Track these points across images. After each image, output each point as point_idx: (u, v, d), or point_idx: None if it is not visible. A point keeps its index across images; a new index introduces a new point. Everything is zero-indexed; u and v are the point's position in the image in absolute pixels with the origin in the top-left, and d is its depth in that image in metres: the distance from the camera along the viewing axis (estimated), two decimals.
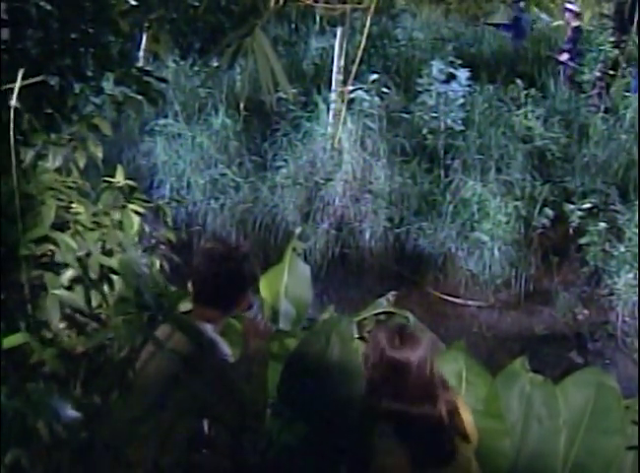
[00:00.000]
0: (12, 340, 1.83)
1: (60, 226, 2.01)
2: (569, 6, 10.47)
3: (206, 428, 2.45)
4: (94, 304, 2.04)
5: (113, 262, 2.04)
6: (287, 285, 3.72)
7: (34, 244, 1.93)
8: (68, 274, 1.97)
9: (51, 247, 1.95)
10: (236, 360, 2.56)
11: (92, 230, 2.04)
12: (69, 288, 1.97)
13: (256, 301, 3.40)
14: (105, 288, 2.07)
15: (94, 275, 2.00)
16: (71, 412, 1.74)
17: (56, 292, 1.90)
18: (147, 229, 2.22)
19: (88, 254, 2.00)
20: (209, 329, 2.41)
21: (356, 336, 3.28)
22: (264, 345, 2.64)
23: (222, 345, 2.41)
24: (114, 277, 2.07)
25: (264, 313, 3.63)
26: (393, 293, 3.74)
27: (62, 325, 2.00)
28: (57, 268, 1.95)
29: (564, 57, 10.04)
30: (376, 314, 3.51)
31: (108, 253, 2.04)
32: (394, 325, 2.44)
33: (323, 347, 2.71)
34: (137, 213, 2.12)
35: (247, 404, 2.47)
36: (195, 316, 2.43)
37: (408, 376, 2.20)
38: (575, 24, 10.20)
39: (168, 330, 2.28)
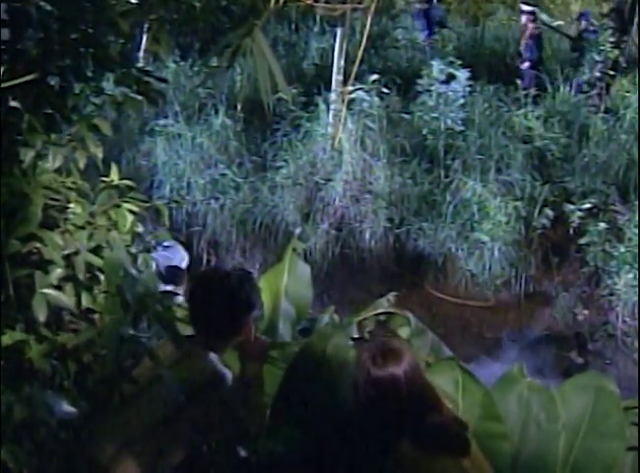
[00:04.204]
0: (4, 338, 1.83)
1: (51, 225, 2.00)
2: (524, 7, 10.10)
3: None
4: (84, 303, 2.04)
5: (101, 261, 2.04)
6: (287, 285, 3.72)
7: (21, 242, 1.93)
8: (57, 273, 1.97)
9: (37, 245, 1.95)
10: (234, 383, 2.55)
11: (82, 228, 2.03)
12: (58, 287, 1.97)
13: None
14: (95, 287, 2.07)
15: (80, 274, 1.99)
16: (66, 408, 1.74)
17: (44, 290, 1.90)
18: (142, 229, 2.21)
19: (76, 253, 2.00)
20: (214, 359, 2.39)
21: (356, 336, 3.29)
22: (260, 368, 2.64)
23: (227, 377, 2.39)
24: (102, 276, 2.07)
25: (263, 315, 3.63)
26: (393, 293, 3.74)
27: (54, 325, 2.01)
28: (44, 266, 1.95)
29: (525, 66, 9.84)
30: (377, 315, 3.52)
31: (97, 252, 2.04)
32: (377, 342, 2.47)
33: (319, 359, 2.70)
34: (132, 212, 2.12)
35: (245, 429, 2.48)
36: (198, 344, 2.41)
37: (397, 391, 2.23)
38: (532, 28, 9.92)
39: (173, 352, 2.27)
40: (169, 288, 4.16)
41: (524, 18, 10.14)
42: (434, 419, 2.27)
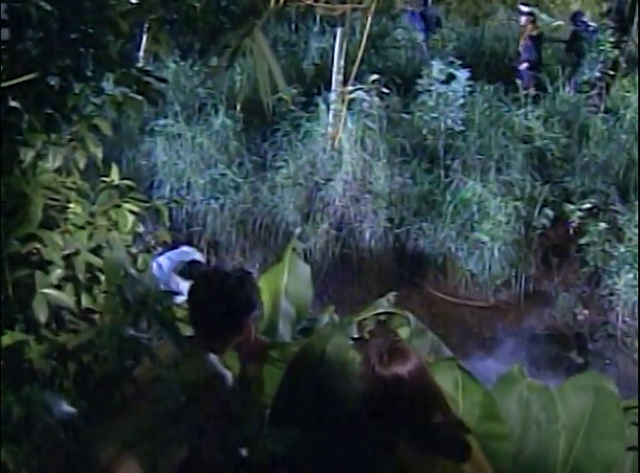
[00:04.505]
0: (4, 338, 1.84)
1: (51, 225, 2.00)
2: (523, 8, 10.12)
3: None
4: (84, 303, 2.04)
5: (101, 261, 2.04)
6: (287, 285, 3.73)
7: (21, 242, 1.93)
8: (57, 273, 1.96)
9: (37, 246, 1.95)
10: (234, 383, 2.55)
11: (82, 228, 2.03)
12: (58, 287, 1.97)
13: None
14: (95, 287, 2.07)
15: (80, 274, 1.99)
16: (66, 408, 1.74)
17: (45, 290, 1.90)
18: (142, 229, 2.21)
19: (76, 253, 1.99)
20: (214, 359, 2.39)
21: (356, 336, 3.29)
22: (260, 369, 2.65)
23: (228, 377, 2.40)
24: (102, 276, 2.07)
25: (263, 314, 3.63)
26: (393, 293, 3.75)
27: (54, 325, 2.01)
28: (44, 266, 1.94)
29: (524, 66, 9.89)
30: (377, 315, 3.52)
31: (97, 252, 2.03)
32: (384, 341, 2.47)
33: (319, 359, 2.70)
34: (132, 212, 2.12)
35: (245, 429, 2.49)
36: (198, 344, 2.41)
37: (401, 391, 2.23)
38: (531, 28, 9.95)
39: (173, 352, 2.27)
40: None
41: (523, 19, 10.15)
42: (436, 422, 2.27)
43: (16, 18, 2.05)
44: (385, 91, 8.34)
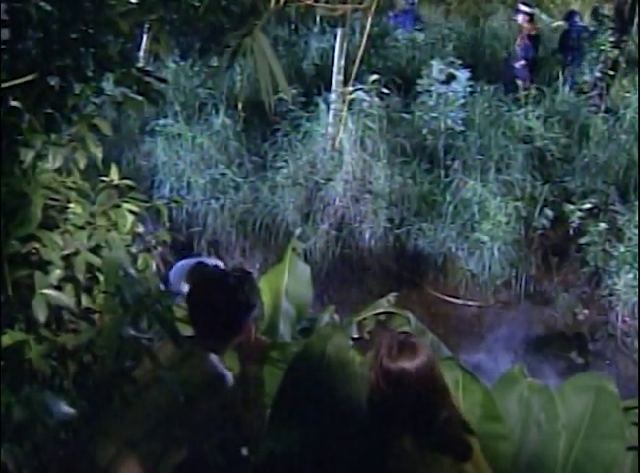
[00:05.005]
0: (4, 338, 1.84)
1: (51, 225, 2.00)
2: (522, 7, 10.15)
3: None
4: (83, 303, 2.04)
5: (100, 261, 2.04)
6: (287, 285, 3.73)
7: (20, 243, 1.93)
8: (57, 273, 1.96)
9: (37, 246, 1.95)
10: (234, 384, 2.55)
11: (82, 228, 2.03)
12: (58, 287, 1.97)
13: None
14: (94, 287, 2.07)
15: (79, 274, 1.99)
16: (65, 408, 1.74)
17: (45, 291, 1.90)
18: (142, 229, 2.20)
19: (76, 253, 1.99)
20: (214, 359, 2.39)
21: (356, 336, 3.30)
22: (260, 369, 2.66)
23: (228, 378, 2.40)
24: (102, 276, 2.06)
25: (263, 314, 3.63)
26: (394, 293, 3.75)
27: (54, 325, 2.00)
28: (44, 267, 1.94)
29: (520, 64, 9.91)
30: (377, 315, 3.53)
31: (97, 252, 2.03)
32: (396, 334, 2.47)
33: (318, 360, 2.71)
34: (132, 212, 2.11)
35: (246, 429, 2.49)
36: (198, 344, 2.41)
37: (405, 385, 2.23)
38: (528, 28, 9.97)
39: (173, 352, 2.27)
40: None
41: (520, 17, 10.16)
42: (440, 419, 2.27)
43: (16, 18, 2.05)
44: (385, 91, 8.34)
